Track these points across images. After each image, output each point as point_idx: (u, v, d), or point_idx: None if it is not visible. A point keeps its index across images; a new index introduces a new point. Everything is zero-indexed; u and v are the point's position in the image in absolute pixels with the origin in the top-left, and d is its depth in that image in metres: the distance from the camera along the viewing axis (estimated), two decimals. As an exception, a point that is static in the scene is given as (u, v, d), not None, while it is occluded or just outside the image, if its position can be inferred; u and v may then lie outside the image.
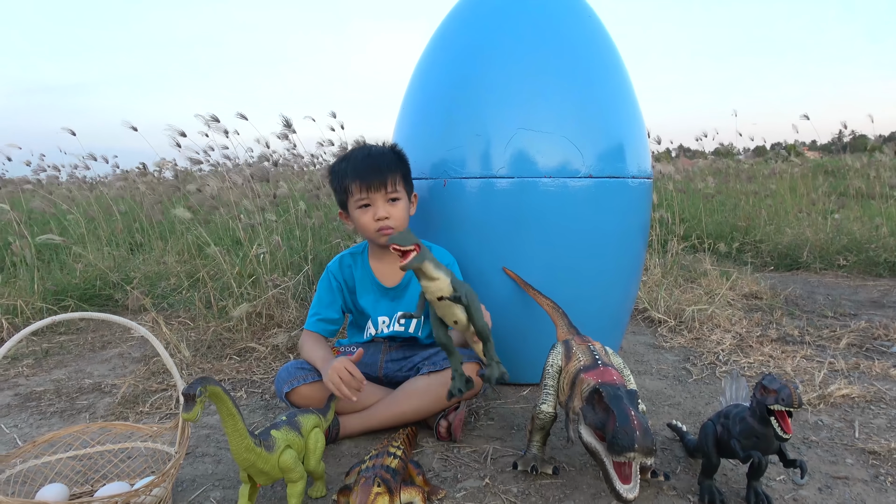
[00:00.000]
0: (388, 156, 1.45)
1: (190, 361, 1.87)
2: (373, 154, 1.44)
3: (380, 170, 1.40)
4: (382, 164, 1.41)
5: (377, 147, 1.49)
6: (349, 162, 1.44)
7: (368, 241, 1.50)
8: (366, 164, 1.41)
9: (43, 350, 2.09)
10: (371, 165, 1.41)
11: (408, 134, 1.68)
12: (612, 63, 1.65)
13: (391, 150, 1.48)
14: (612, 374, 1.02)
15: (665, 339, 2.07)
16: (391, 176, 1.41)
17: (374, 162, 1.42)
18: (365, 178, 1.39)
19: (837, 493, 1.08)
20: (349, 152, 1.49)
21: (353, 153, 1.47)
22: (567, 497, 1.09)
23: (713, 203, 4.52)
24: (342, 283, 1.50)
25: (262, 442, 0.97)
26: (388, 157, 1.44)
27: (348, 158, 1.46)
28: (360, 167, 1.41)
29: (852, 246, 3.35)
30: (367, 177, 1.39)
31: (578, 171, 1.51)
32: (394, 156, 1.46)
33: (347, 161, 1.45)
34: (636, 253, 1.70)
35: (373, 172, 1.40)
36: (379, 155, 1.44)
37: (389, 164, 1.42)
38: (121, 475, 1.18)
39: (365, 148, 1.48)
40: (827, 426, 1.37)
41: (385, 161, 1.43)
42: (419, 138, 1.62)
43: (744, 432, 1.01)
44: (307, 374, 1.38)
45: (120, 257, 3.07)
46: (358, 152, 1.47)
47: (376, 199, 1.41)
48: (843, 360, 1.78)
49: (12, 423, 1.49)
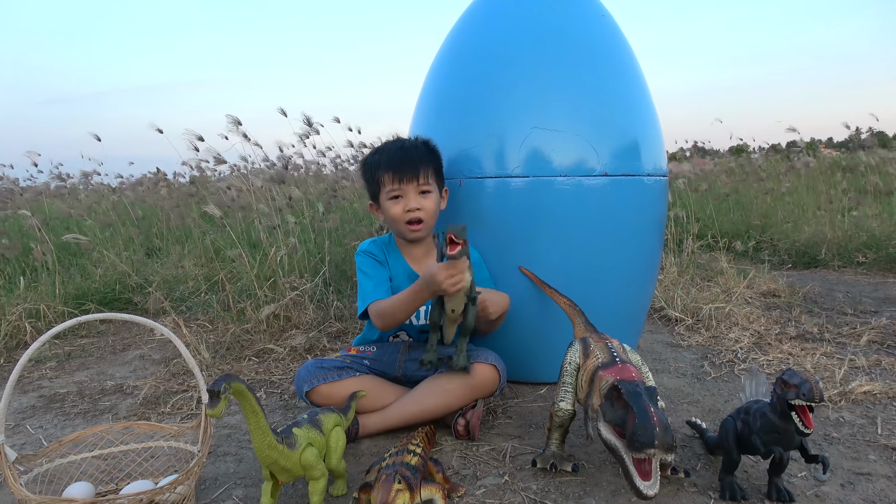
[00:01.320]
0: (421, 149, 1.47)
1: (209, 363, 1.89)
2: (406, 147, 1.47)
3: (412, 162, 1.42)
4: (415, 156, 1.44)
5: (410, 140, 1.51)
6: (382, 154, 1.46)
7: (396, 233, 1.52)
8: (399, 156, 1.44)
9: (65, 353, 2.12)
10: (404, 157, 1.43)
11: (423, 134, 1.69)
12: (626, 61, 1.65)
13: (424, 144, 1.50)
14: (630, 371, 1.02)
15: (682, 337, 2.06)
16: (423, 168, 1.43)
17: (407, 154, 1.44)
18: (397, 169, 1.42)
19: (860, 489, 1.07)
20: (383, 144, 1.52)
21: (387, 145, 1.49)
22: (587, 494, 1.09)
23: (728, 202, 4.49)
24: (380, 261, 1.50)
25: (285, 439, 0.99)
26: (420, 150, 1.47)
27: (382, 150, 1.48)
28: (393, 159, 1.44)
29: (872, 243, 3.31)
30: (399, 168, 1.41)
31: (594, 169, 1.51)
32: (427, 149, 1.48)
33: (381, 153, 1.47)
34: (652, 251, 1.69)
35: (405, 164, 1.42)
36: (412, 148, 1.47)
37: (422, 156, 1.44)
38: (144, 474, 1.19)
39: (398, 141, 1.52)
40: (848, 423, 1.35)
41: (418, 154, 1.45)
42: (434, 139, 1.62)
43: (764, 428, 1.00)
44: (327, 373, 1.39)
45: (138, 261, 3.11)
46: (391, 145, 1.49)
47: (408, 190, 1.42)
48: (863, 356, 1.76)
49: (37, 424, 1.51)
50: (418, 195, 1.43)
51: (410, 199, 1.42)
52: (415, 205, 1.42)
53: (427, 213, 1.44)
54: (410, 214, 1.43)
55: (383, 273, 1.48)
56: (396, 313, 1.34)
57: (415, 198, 1.43)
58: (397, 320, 1.36)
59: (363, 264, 1.49)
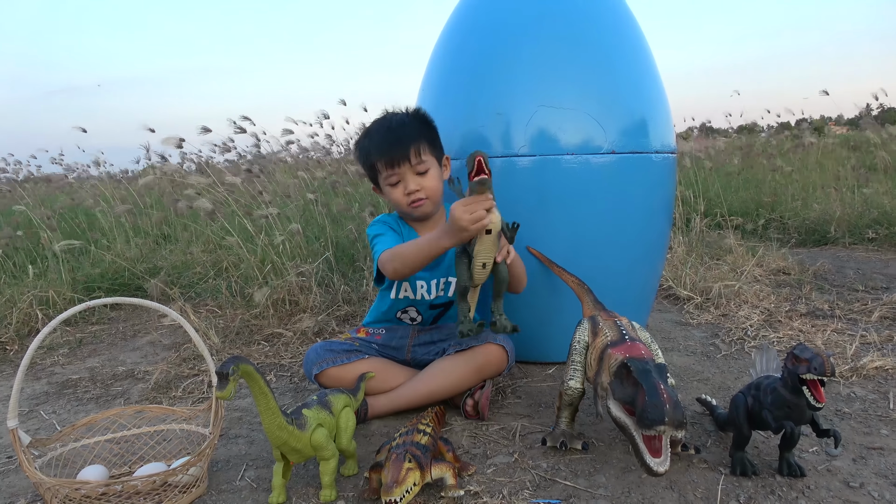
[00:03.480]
0: (410, 125, 1.40)
1: (219, 347, 1.90)
2: (393, 126, 1.40)
3: (402, 143, 1.36)
4: (404, 135, 1.37)
5: (397, 116, 1.43)
6: (371, 138, 1.41)
7: (401, 215, 1.48)
8: (387, 138, 1.38)
9: (77, 340, 2.14)
10: (393, 140, 1.37)
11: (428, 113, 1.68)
12: (632, 37, 1.63)
13: (413, 117, 1.43)
14: (639, 349, 1.02)
15: (692, 315, 2.06)
16: (415, 146, 1.36)
17: (396, 135, 1.38)
18: (388, 154, 1.36)
19: (872, 464, 1.07)
20: (370, 126, 1.45)
21: (374, 127, 1.43)
22: (597, 472, 1.09)
23: (737, 180, 4.45)
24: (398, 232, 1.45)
25: (294, 420, 0.99)
26: (409, 126, 1.40)
27: (370, 134, 1.43)
28: (382, 143, 1.38)
29: (882, 219, 3.28)
30: (390, 152, 1.36)
31: (601, 147, 1.49)
32: (416, 123, 1.42)
33: (369, 137, 1.42)
34: (661, 229, 1.68)
35: (396, 147, 1.36)
36: (400, 126, 1.40)
37: (412, 133, 1.38)
38: (157, 456, 1.20)
39: (385, 120, 1.43)
40: (860, 398, 1.35)
41: (407, 132, 1.38)
42: (440, 119, 1.61)
43: (776, 403, 1.00)
44: (336, 356, 1.39)
45: (147, 248, 3.12)
46: (379, 125, 1.42)
47: (404, 173, 1.37)
48: (875, 332, 1.75)
49: (51, 410, 1.53)
50: (415, 176, 1.38)
51: (408, 181, 1.38)
52: (413, 186, 1.37)
53: (429, 192, 1.39)
54: (411, 197, 1.38)
55: (398, 237, 1.43)
56: (411, 256, 1.25)
57: (412, 179, 1.38)
58: (410, 265, 1.27)
59: (378, 230, 1.44)
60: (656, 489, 1.02)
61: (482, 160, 1.09)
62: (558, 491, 1.03)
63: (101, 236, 3.18)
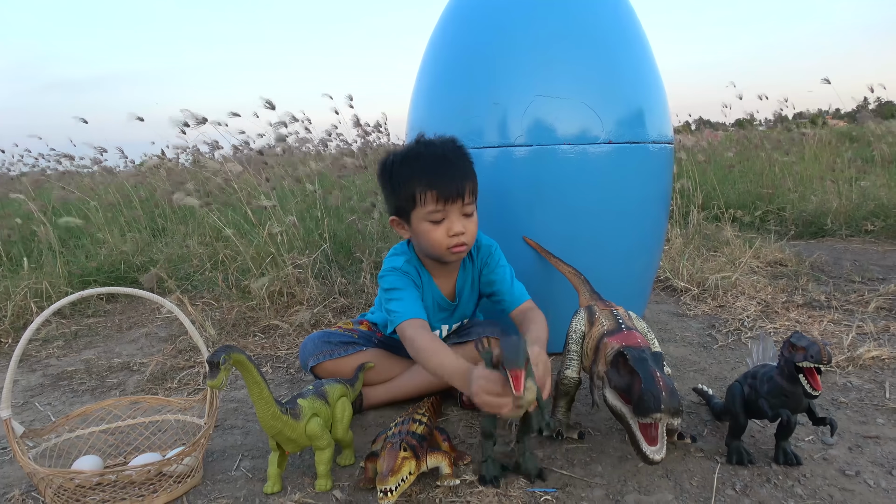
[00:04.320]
0: (464, 160, 1.25)
1: (216, 339, 1.90)
2: (449, 158, 1.22)
3: (458, 179, 1.20)
4: (459, 171, 1.21)
5: (450, 147, 1.25)
6: (418, 164, 1.22)
7: (426, 254, 1.30)
8: (442, 171, 1.20)
9: (72, 332, 2.13)
10: (448, 174, 1.20)
11: (424, 105, 1.67)
12: (630, 27, 1.62)
13: (460, 149, 1.26)
14: (636, 338, 1.02)
15: (688, 307, 2.06)
16: (468, 185, 1.21)
17: (452, 169, 1.21)
18: (443, 188, 1.19)
19: (868, 452, 1.07)
20: (414, 150, 1.26)
21: (422, 152, 1.24)
22: (593, 461, 1.09)
23: (734, 173, 4.45)
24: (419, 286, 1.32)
25: (289, 410, 0.99)
26: (463, 161, 1.24)
27: (416, 159, 1.23)
28: (435, 175, 1.20)
29: (879, 211, 3.28)
30: (444, 187, 1.19)
31: (598, 137, 1.49)
32: (465, 157, 1.25)
33: (416, 162, 1.22)
34: (658, 219, 1.68)
35: (451, 182, 1.19)
36: (456, 160, 1.23)
37: (466, 171, 1.23)
38: (152, 447, 1.20)
39: (436, 147, 1.25)
40: (856, 388, 1.35)
41: (462, 168, 1.23)
42: (436, 109, 1.61)
43: (772, 391, 1.00)
44: (333, 348, 1.38)
45: (142, 241, 3.11)
46: (428, 152, 1.24)
47: (452, 211, 1.21)
48: (871, 323, 1.75)
49: (45, 402, 1.52)
50: (462, 217, 1.22)
51: (454, 221, 1.21)
52: (460, 228, 1.21)
53: (470, 237, 1.24)
54: (455, 240, 1.22)
55: (418, 294, 1.28)
56: (424, 363, 1.14)
57: (458, 220, 1.21)
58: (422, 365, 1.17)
59: (396, 282, 1.26)
60: (652, 478, 1.02)
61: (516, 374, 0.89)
62: (554, 480, 1.03)
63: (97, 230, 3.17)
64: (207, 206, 2.54)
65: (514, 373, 0.90)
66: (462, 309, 1.41)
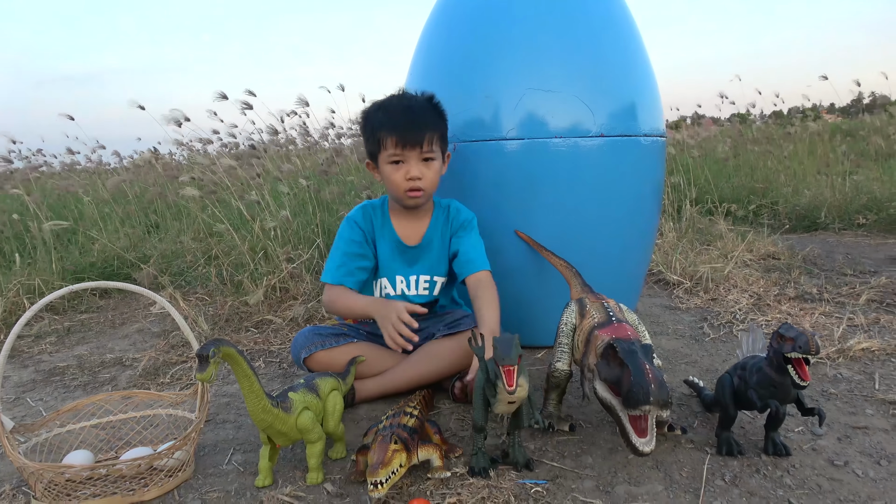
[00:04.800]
0: (429, 112, 1.36)
1: (208, 334, 1.89)
2: (413, 108, 1.34)
3: (418, 127, 1.31)
4: (422, 120, 1.32)
5: (417, 99, 1.38)
6: (386, 112, 1.34)
7: (391, 197, 1.43)
8: (404, 118, 1.32)
9: (65, 328, 2.13)
10: (409, 121, 1.32)
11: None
12: (622, 21, 1.62)
13: (432, 104, 1.38)
14: (626, 330, 1.02)
15: (681, 300, 2.06)
16: (429, 134, 1.32)
17: (414, 117, 1.32)
18: (402, 133, 1.31)
19: (857, 442, 1.08)
20: (386, 100, 1.38)
21: (391, 102, 1.37)
22: (584, 452, 1.09)
23: (728, 167, 4.46)
24: (366, 233, 1.43)
25: (280, 403, 0.99)
26: (428, 112, 1.35)
27: (385, 108, 1.35)
28: (397, 121, 1.32)
29: (872, 205, 3.29)
30: (404, 133, 1.31)
31: (589, 130, 1.49)
32: (434, 112, 1.37)
33: (384, 111, 1.35)
34: (650, 212, 1.68)
35: (410, 129, 1.31)
36: (419, 109, 1.34)
37: (429, 120, 1.34)
38: (144, 442, 1.20)
39: (404, 98, 1.38)
40: (846, 379, 1.35)
41: (425, 117, 1.33)
42: (427, 103, 1.60)
43: (761, 382, 1.00)
44: (325, 339, 1.38)
45: (136, 237, 3.10)
46: (396, 102, 1.36)
47: (410, 157, 1.33)
48: (862, 315, 1.76)
49: (37, 397, 1.52)
50: (420, 162, 1.33)
51: (412, 166, 1.33)
52: (416, 173, 1.33)
53: (428, 182, 1.35)
54: (411, 183, 1.34)
55: (364, 250, 1.41)
56: (342, 312, 1.38)
57: (416, 165, 1.33)
58: (341, 315, 1.43)
59: (344, 234, 1.42)
60: (642, 469, 1.02)
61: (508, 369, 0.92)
62: (545, 472, 1.03)
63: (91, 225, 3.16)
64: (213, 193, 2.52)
65: (507, 369, 0.91)
66: (427, 260, 1.43)
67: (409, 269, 1.44)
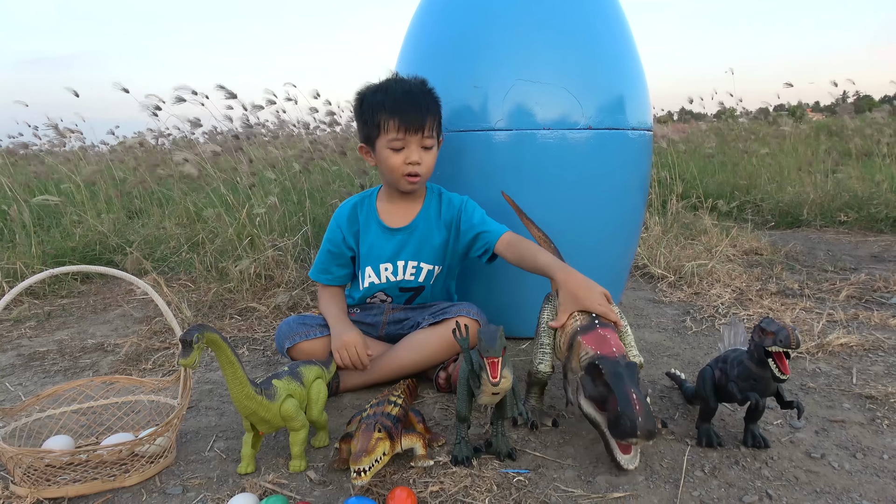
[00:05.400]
0: (428, 96, 1.35)
1: (192, 321, 1.88)
2: (413, 92, 1.34)
3: (420, 111, 1.31)
4: (423, 104, 1.32)
5: (415, 83, 1.37)
6: (386, 95, 1.33)
7: (386, 182, 1.43)
8: (406, 101, 1.31)
9: (45, 313, 2.10)
10: (411, 105, 1.31)
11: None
12: (612, 14, 1.62)
13: (429, 89, 1.38)
14: (609, 344, 1.01)
15: (665, 294, 2.08)
16: (430, 119, 1.32)
17: (415, 101, 1.32)
18: (405, 118, 1.30)
19: (834, 436, 1.09)
20: (385, 83, 1.37)
21: (390, 85, 1.35)
22: (566, 443, 1.10)
23: (713, 163, 4.49)
24: (347, 234, 1.44)
25: (264, 391, 0.98)
26: (427, 97, 1.35)
27: (385, 91, 1.34)
28: (399, 104, 1.31)
29: (853, 203, 3.34)
30: (407, 117, 1.30)
31: (577, 122, 1.49)
32: (432, 96, 1.37)
33: (384, 94, 1.33)
34: (636, 206, 1.69)
35: (413, 113, 1.30)
36: (420, 94, 1.34)
37: (429, 105, 1.33)
38: (125, 428, 1.19)
39: (403, 82, 1.37)
40: (825, 373, 1.38)
41: (425, 101, 1.33)
42: (416, 92, 1.60)
43: (742, 375, 1.01)
44: (309, 329, 1.38)
45: (119, 222, 3.07)
46: (395, 86, 1.35)
47: (411, 142, 1.32)
48: (842, 311, 1.78)
49: (17, 382, 1.50)
50: (420, 148, 1.33)
51: (412, 151, 1.32)
52: (416, 158, 1.32)
53: (426, 168, 1.36)
54: (410, 168, 1.33)
55: (341, 253, 1.45)
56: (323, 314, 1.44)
57: (417, 150, 1.33)
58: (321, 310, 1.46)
59: (327, 234, 1.46)
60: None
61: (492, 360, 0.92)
62: (527, 462, 1.04)
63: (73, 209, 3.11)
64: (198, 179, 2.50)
65: (492, 361, 0.91)
66: (412, 245, 1.42)
67: (395, 255, 1.43)
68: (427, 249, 1.43)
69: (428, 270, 1.45)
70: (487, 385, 0.94)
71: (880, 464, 1.00)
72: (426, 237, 1.43)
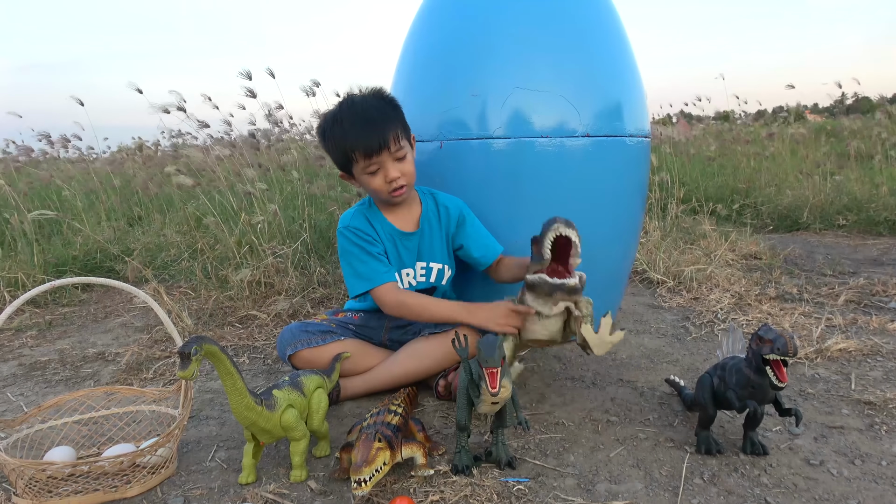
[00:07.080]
0: (384, 110, 1.34)
1: (192, 329, 1.89)
2: (368, 114, 1.32)
3: (380, 131, 1.29)
4: (381, 123, 1.30)
5: (367, 101, 1.35)
6: (342, 127, 1.33)
7: (377, 200, 1.43)
8: (363, 127, 1.30)
9: (46, 322, 2.11)
10: (369, 128, 1.30)
11: (402, 95, 1.66)
12: (609, 21, 1.62)
13: (382, 100, 1.37)
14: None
15: (664, 299, 2.08)
16: (392, 132, 1.31)
17: (372, 123, 1.30)
18: (368, 144, 1.29)
19: (833, 442, 1.10)
20: (338, 112, 1.35)
21: (344, 114, 1.34)
22: (566, 451, 1.10)
23: (713, 166, 4.50)
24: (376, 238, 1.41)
25: (264, 401, 0.99)
26: (383, 112, 1.34)
27: (341, 122, 1.33)
28: (359, 132, 1.30)
29: (852, 206, 3.34)
30: (369, 143, 1.29)
31: (575, 130, 1.49)
32: (388, 108, 1.36)
33: (341, 125, 1.33)
34: (634, 213, 1.69)
35: (374, 135, 1.29)
36: (375, 112, 1.33)
37: (387, 119, 1.32)
38: (126, 438, 1.19)
39: (355, 105, 1.34)
40: (823, 379, 1.38)
41: (383, 118, 1.32)
42: (415, 100, 1.60)
43: (740, 382, 1.02)
44: (311, 337, 1.38)
45: (119, 230, 3.07)
46: (349, 113, 1.33)
47: (384, 161, 1.31)
48: (840, 316, 1.79)
49: (18, 392, 1.51)
50: (395, 162, 1.33)
51: (388, 169, 1.32)
52: (395, 174, 1.32)
53: (408, 177, 1.35)
54: (393, 184, 1.33)
55: (380, 252, 1.39)
56: (417, 312, 1.34)
57: (392, 166, 1.32)
58: (414, 317, 1.36)
59: (354, 240, 1.38)
60: (623, 467, 1.04)
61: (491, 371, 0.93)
62: (527, 470, 1.04)
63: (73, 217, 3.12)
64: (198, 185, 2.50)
65: (491, 371, 0.92)
66: (427, 246, 1.44)
67: (414, 259, 1.44)
68: (437, 250, 1.46)
69: (438, 270, 1.46)
70: (487, 395, 0.95)
71: (879, 470, 1.00)
72: (433, 238, 1.45)
